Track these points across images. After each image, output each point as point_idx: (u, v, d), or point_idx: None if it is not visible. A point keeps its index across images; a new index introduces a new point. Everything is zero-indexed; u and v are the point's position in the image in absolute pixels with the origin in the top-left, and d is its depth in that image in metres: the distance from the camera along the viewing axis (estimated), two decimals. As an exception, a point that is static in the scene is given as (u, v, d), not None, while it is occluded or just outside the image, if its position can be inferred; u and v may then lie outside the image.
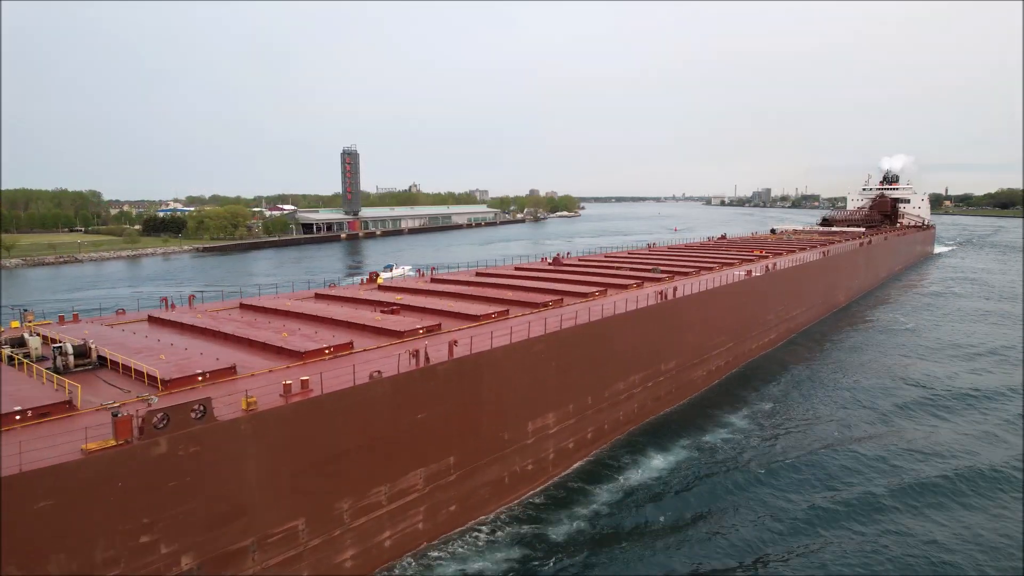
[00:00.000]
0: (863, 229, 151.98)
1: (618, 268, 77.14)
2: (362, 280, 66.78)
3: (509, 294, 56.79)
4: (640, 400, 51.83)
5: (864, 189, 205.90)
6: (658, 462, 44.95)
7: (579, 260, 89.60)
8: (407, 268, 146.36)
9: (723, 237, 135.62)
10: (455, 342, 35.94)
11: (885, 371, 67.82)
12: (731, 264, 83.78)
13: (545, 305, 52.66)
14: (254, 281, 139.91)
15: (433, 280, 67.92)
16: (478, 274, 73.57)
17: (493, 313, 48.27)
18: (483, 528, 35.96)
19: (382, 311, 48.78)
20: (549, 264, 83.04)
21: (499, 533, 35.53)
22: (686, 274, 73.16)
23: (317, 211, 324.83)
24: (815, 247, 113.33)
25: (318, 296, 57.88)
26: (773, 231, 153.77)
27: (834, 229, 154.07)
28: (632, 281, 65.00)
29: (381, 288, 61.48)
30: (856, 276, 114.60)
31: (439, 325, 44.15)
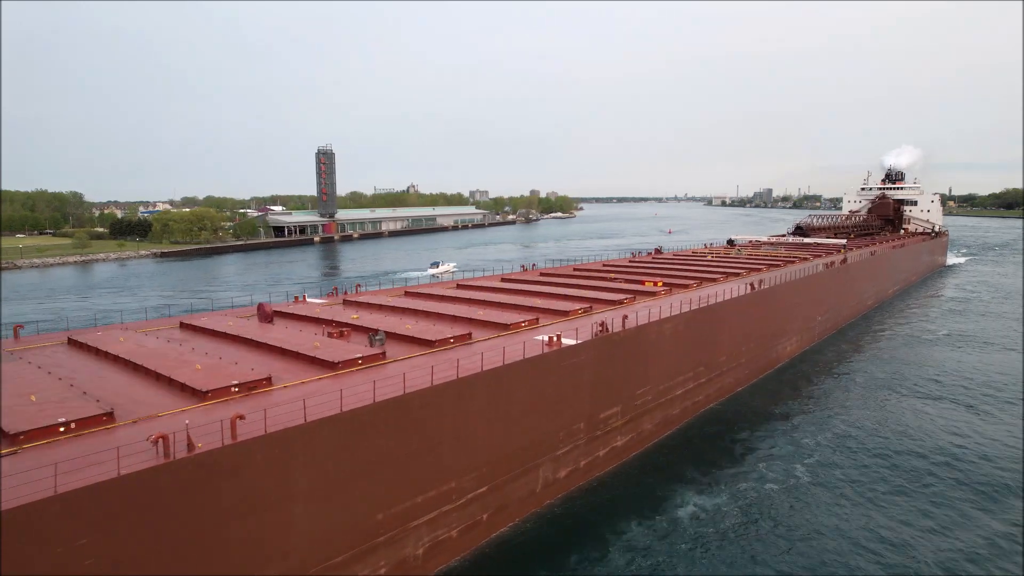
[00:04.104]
0: (845, 241, 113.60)
1: (383, 319, 44.57)
2: None
3: None
4: None
5: (863, 189, 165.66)
6: None
7: (342, 300, 55.04)
8: (452, 265, 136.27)
9: (658, 251, 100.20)
10: None
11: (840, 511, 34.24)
12: (568, 313, 49.65)
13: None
14: (210, 289, 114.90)
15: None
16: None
17: None
18: None
19: None
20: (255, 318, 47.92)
21: None
22: (463, 338, 39.98)
23: (290, 213, 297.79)
24: (760, 269, 78.21)
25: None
26: (731, 242, 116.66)
27: (808, 240, 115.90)
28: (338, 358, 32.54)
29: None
30: (821, 310, 78.79)
31: None
